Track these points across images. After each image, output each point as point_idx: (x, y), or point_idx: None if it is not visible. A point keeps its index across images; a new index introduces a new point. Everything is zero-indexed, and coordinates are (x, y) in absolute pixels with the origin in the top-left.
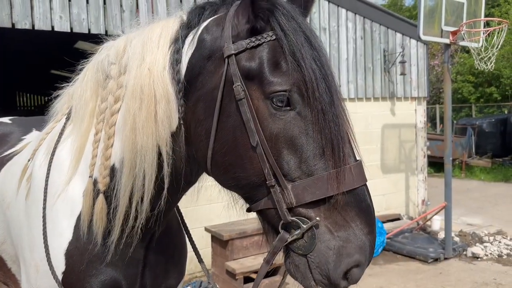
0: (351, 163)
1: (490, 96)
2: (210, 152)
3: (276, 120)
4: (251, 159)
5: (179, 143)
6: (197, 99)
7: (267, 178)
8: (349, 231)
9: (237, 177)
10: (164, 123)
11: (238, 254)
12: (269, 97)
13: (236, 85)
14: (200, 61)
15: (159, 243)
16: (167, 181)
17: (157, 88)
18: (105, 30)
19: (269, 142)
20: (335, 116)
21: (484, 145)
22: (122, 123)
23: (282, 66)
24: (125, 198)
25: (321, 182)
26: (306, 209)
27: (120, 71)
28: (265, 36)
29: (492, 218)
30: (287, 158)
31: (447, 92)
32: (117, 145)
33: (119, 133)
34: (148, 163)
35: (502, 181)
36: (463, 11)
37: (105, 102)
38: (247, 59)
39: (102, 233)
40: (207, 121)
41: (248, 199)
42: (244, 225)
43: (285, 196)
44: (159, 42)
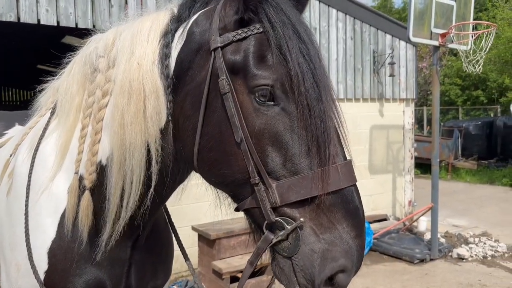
0: (339, 162)
1: (476, 99)
2: (196, 148)
3: (260, 116)
4: (235, 155)
5: (168, 139)
6: (185, 94)
7: (251, 175)
8: (334, 234)
9: (222, 174)
10: (153, 119)
11: (225, 253)
12: (253, 91)
13: (221, 79)
14: (189, 55)
15: (145, 242)
16: (154, 178)
17: (146, 83)
18: (93, 24)
19: (253, 138)
20: (322, 112)
21: (470, 147)
22: (110, 118)
23: (267, 59)
24: (116, 196)
25: (306, 181)
26: (291, 209)
27: (108, 65)
28: (252, 29)
29: (478, 219)
30: (272, 156)
31: (435, 94)
32: (105, 141)
33: (107, 129)
34: (136, 160)
35: (487, 183)
36: (452, 14)
37: (92, 96)
38: (232, 52)
39: (87, 231)
40: (194, 116)
41: (235, 197)
42: (231, 224)
43: (269, 195)
44: (149, 36)
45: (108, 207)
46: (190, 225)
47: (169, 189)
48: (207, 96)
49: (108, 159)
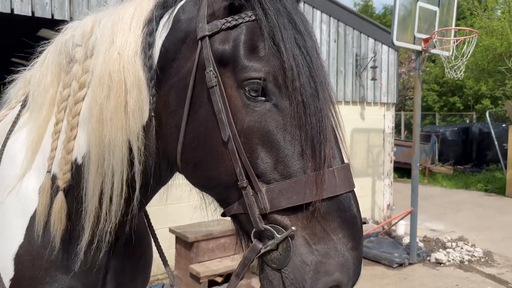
0: (336, 165)
1: (453, 105)
2: (180, 147)
3: (250, 112)
4: (222, 155)
5: (150, 137)
6: (169, 88)
7: (239, 178)
8: (329, 245)
9: (207, 176)
10: (135, 115)
11: (203, 256)
12: (243, 85)
13: (208, 71)
14: (174, 45)
15: (124, 248)
16: (138, 180)
17: (127, 75)
18: (70, 16)
19: (242, 137)
20: (318, 110)
21: (447, 153)
22: (88, 113)
23: (259, 50)
24: (94, 199)
25: (299, 186)
26: (281, 216)
27: (86, 54)
28: (243, 16)
29: (454, 224)
30: (262, 157)
31: (417, 99)
32: (82, 137)
33: (84, 124)
34: (117, 159)
35: (463, 188)
36: (435, 20)
37: (67, 89)
38: (221, 42)
39: (60, 236)
40: (178, 112)
41: (221, 201)
42: (210, 227)
43: (258, 200)
44: (131, 23)
45: (86, 211)
46: (167, 226)
47: (152, 191)
48: (193, 90)
49: (85, 158)
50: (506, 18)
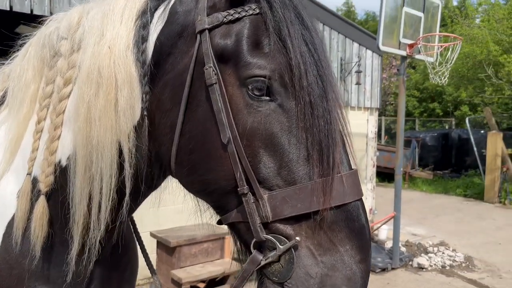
0: (344, 171)
1: (433, 111)
2: (175, 149)
3: (253, 113)
4: (221, 159)
5: (142, 138)
6: (164, 85)
7: (239, 183)
8: (336, 257)
9: (204, 181)
10: (126, 115)
11: (185, 261)
12: (246, 83)
13: (207, 67)
14: (170, 39)
15: (109, 256)
16: (129, 184)
17: (118, 71)
18: (50, 12)
19: (243, 139)
20: (327, 112)
21: (427, 158)
22: (74, 111)
23: (264, 46)
24: (82, 204)
25: (304, 193)
26: (284, 226)
27: (72, 48)
28: (246, 9)
29: (435, 229)
30: (265, 161)
31: (401, 104)
32: (67, 137)
33: (70, 123)
34: (106, 162)
35: (443, 193)
36: (420, 25)
37: (51, 85)
38: (222, 36)
39: (41, 244)
40: (173, 111)
41: (218, 208)
42: (193, 231)
43: (259, 208)
44: (123, 15)
45: (74, 218)
46: (148, 231)
47: (142, 196)
48: (190, 87)
49: (70, 160)
50: (485, 27)
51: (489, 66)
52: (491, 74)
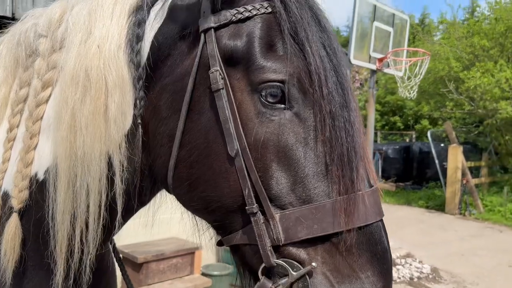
0: (365, 189)
1: (394, 124)
2: (173, 162)
3: (265, 122)
4: (226, 173)
5: (135, 149)
6: (161, 90)
7: (247, 201)
8: (356, 285)
9: (206, 198)
10: (117, 122)
11: (153, 278)
12: (258, 89)
13: (213, 71)
14: (170, 38)
15: (87, 280)
16: (120, 202)
17: (109, 74)
18: (12, 12)
19: (254, 151)
20: (349, 123)
21: (389, 170)
22: (55, 118)
23: (278, 48)
24: (65, 224)
25: (322, 212)
26: (298, 249)
27: (53, 47)
28: (257, 7)
29: (401, 240)
30: (277, 176)
31: (371, 117)
32: (46, 147)
33: (49, 131)
34: (93, 176)
35: (405, 205)
36: (389, 40)
37: (26, 88)
38: (231, 36)
39: (13, 268)
40: (172, 119)
41: (220, 228)
42: (161, 246)
43: (270, 229)
44: (114, 11)
45: (56, 239)
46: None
47: (131, 213)
48: (192, 93)
49: (49, 173)
50: (446, 44)
51: (450, 82)
52: (452, 89)
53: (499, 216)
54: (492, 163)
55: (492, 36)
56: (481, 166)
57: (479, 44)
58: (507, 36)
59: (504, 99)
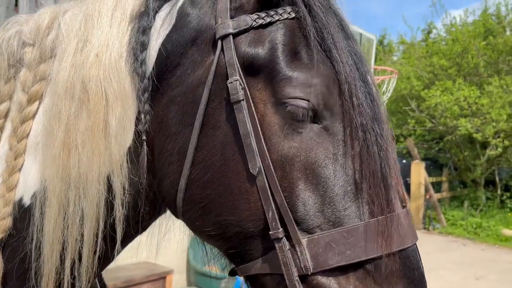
0: (399, 210)
1: None
2: (184, 182)
3: (292, 136)
4: (247, 194)
5: (140, 169)
6: (169, 102)
7: (271, 226)
8: None
9: (222, 222)
10: (119, 139)
11: None
12: (284, 102)
13: (232, 81)
14: (180, 46)
15: None
16: (120, 229)
17: (109, 85)
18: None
19: (279, 169)
20: (381, 137)
21: None
22: (44, 134)
23: (303, 56)
24: (54, 256)
25: (355, 236)
26: (327, 279)
27: (40, 56)
28: (280, 12)
29: None
30: (304, 196)
31: None
32: (33, 169)
33: (36, 151)
34: (90, 200)
35: None
36: None
37: (7, 102)
38: (251, 43)
39: None
40: (183, 135)
41: (237, 256)
42: (131, 271)
43: (296, 257)
44: (114, 16)
45: (41, 274)
46: None
47: (128, 241)
48: (207, 105)
49: (36, 198)
50: (407, 63)
51: (412, 100)
52: (414, 107)
53: (461, 230)
54: (452, 178)
55: (450, 56)
56: (442, 181)
57: (438, 63)
58: (464, 56)
59: (463, 117)
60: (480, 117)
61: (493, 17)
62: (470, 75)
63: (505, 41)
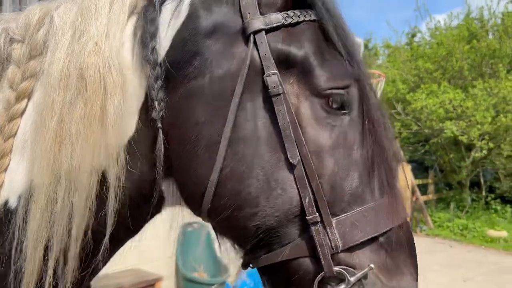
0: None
1: None
2: (216, 176)
3: (326, 127)
4: (284, 184)
5: (154, 160)
6: (189, 92)
7: (307, 211)
8: (404, 281)
9: (259, 214)
10: (116, 129)
11: None
12: (322, 95)
13: (270, 74)
14: (196, 36)
15: None
16: (110, 223)
17: (107, 74)
18: None
19: (315, 158)
20: (388, 129)
21: None
22: (33, 131)
23: (328, 55)
24: (36, 255)
25: (373, 214)
26: (351, 254)
27: (30, 53)
28: (304, 14)
29: None
30: (334, 182)
31: None
32: (20, 169)
33: (24, 149)
34: (81, 193)
35: None
36: None
37: None
38: (285, 40)
39: None
40: (211, 126)
41: (263, 247)
42: (120, 278)
43: (327, 237)
44: (112, 9)
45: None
46: None
47: (120, 244)
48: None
49: (22, 197)
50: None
51: (398, 103)
52: (400, 110)
53: (448, 232)
54: (438, 180)
55: (435, 59)
56: (428, 183)
57: (424, 67)
58: (448, 60)
59: (448, 119)
60: (465, 120)
61: (476, 21)
62: (455, 78)
63: (488, 44)
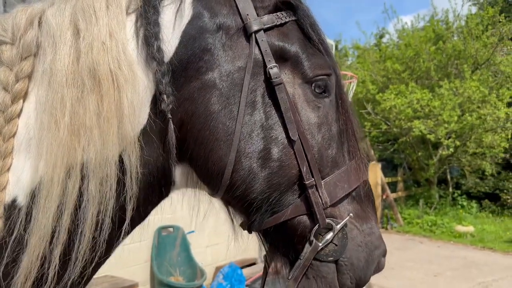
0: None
1: None
2: (233, 155)
3: (314, 108)
4: (286, 157)
5: (165, 147)
6: (203, 85)
7: (305, 177)
8: (370, 223)
9: (268, 183)
10: (131, 120)
11: None
12: (310, 82)
13: (272, 67)
14: (203, 34)
15: None
16: (130, 208)
17: (118, 70)
18: None
19: (309, 134)
20: (351, 107)
21: None
22: (40, 128)
23: (313, 48)
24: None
25: (347, 174)
26: (334, 208)
27: (21, 54)
28: (286, 15)
29: None
30: (323, 151)
31: None
32: (25, 167)
33: (28, 147)
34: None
35: None
36: None
37: None
38: (279, 37)
39: None
40: (226, 113)
41: (268, 212)
42: (92, 286)
43: (319, 196)
44: (109, 10)
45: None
46: None
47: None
48: (248, 88)
49: (32, 194)
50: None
51: (368, 103)
52: (370, 110)
53: (417, 228)
54: (407, 178)
55: (403, 60)
56: (398, 181)
57: (392, 67)
58: (416, 61)
59: (416, 119)
60: (433, 119)
61: (442, 23)
62: (422, 79)
63: (454, 46)
